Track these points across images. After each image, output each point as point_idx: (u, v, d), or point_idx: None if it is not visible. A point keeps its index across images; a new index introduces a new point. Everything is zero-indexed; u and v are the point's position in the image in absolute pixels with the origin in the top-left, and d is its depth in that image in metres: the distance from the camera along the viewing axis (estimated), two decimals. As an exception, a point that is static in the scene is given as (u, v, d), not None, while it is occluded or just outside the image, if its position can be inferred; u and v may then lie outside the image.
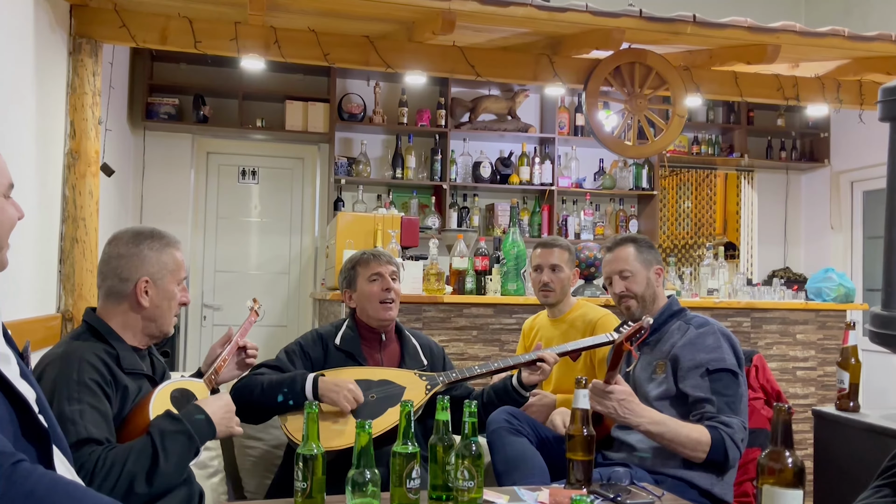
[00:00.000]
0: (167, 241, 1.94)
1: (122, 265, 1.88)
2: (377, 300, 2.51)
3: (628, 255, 2.50)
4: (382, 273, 2.54)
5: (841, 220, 6.40)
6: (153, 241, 1.92)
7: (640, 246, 2.52)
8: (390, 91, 5.91)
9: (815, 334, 4.37)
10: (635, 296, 2.48)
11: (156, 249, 1.91)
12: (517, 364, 2.47)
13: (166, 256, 1.92)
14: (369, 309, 2.53)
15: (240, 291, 5.64)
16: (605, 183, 6.16)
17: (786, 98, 4.41)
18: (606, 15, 3.57)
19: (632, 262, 2.49)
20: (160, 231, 1.97)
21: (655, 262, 2.51)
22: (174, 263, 1.93)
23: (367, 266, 2.56)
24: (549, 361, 2.42)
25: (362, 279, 2.55)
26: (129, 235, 1.93)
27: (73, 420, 1.65)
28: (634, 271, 2.48)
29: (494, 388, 2.52)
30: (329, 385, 2.27)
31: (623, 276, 2.49)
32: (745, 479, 2.51)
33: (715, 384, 2.23)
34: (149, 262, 1.89)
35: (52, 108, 3.21)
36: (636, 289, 2.47)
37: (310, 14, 3.56)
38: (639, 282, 2.47)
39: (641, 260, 2.49)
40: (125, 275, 1.88)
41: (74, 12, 3.38)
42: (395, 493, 1.65)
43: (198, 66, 5.58)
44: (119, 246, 1.91)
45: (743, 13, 3.86)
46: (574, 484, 1.86)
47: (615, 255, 2.53)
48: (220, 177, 5.82)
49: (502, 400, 2.48)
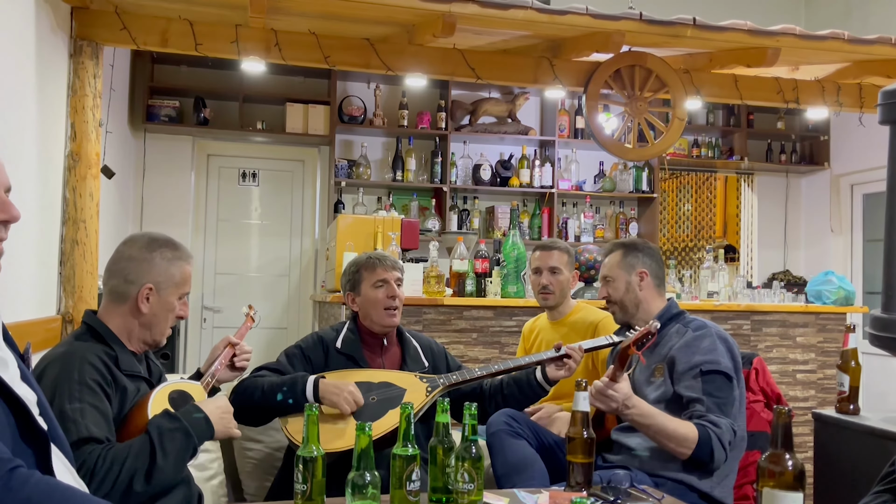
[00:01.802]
0: (180, 255, 1.95)
1: (131, 268, 1.89)
2: (381, 306, 2.50)
3: (612, 260, 2.53)
4: (388, 279, 2.52)
5: (841, 223, 6.40)
6: (167, 251, 1.93)
7: (628, 250, 2.52)
8: (391, 93, 5.92)
9: (816, 337, 4.37)
10: (613, 301, 2.49)
11: (168, 259, 1.92)
12: (518, 366, 2.46)
13: (175, 268, 1.93)
14: (373, 314, 2.51)
15: (240, 294, 5.64)
16: (605, 186, 6.16)
17: (786, 101, 4.41)
18: (606, 18, 3.57)
19: (613, 267, 2.51)
20: (175, 242, 1.97)
21: (640, 265, 2.49)
22: (181, 277, 1.94)
23: (372, 271, 2.54)
24: (576, 358, 2.42)
25: (367, 284, 2.53)
26: (145, 240, 1.94)
27: (74, 419, 1.66)
28: (614, 277, 2.50)
29: (516, 380, 2.50)
30: (329, 387, 2.27)
31: (605, 280, 2.52)
32: (746, 482, 2.51)
33: (707, 385, 2.23)
34: (157, 270, 1.90)
35: (52, 111, 3.21)
36: (614, 294, 2.49)
37: (310, 17, 3.56)
38: (616, 287, 2.49)
39: (624, 265, 2.50)
40: (131, 277, 1.89)
41: (75, 14, 3.38)
42: (396, 496, 1.65)
43: (198, 69, 5.59)
44: (133, 248, 1.92)
45: (743, 16, 3.86)
46: (574, 486, 1.86)
47: (604, 261, 2.56)
48: (220, 179, 5.83)
49: (523, 392, 2.48)
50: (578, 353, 2.43)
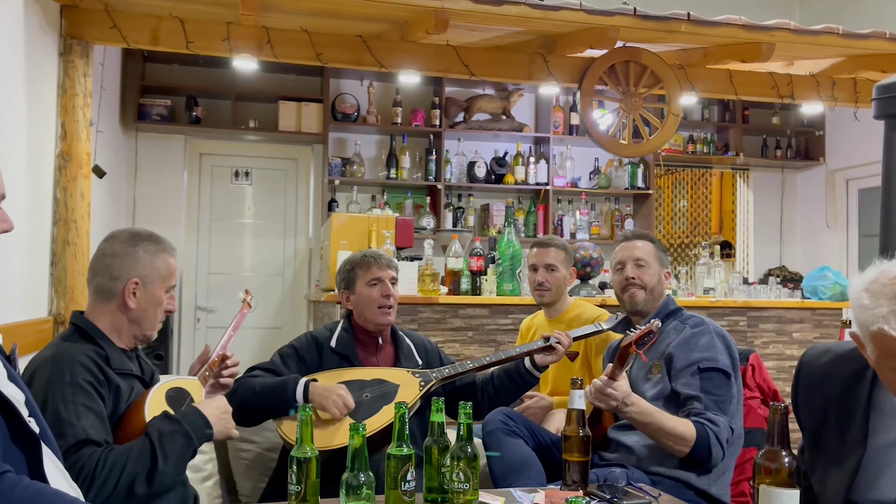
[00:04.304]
0: (163, 247, 1.93)
1: (114, 264, 1.87)
2: (376, 305, 2.49)
3: (648, 247, 2.51)
4: (382, 278, 2.52)
5: (836, 218, 6.40)
6: (149, 244, 1.91)
7: (659, 247, 2.55)
8: (384, 91, 5.89)
9: (812, 333, 4.37)
10: (645, 286, 2.46)
11: (151, 253, 1.90)
12: (509, 357, 2.48)
13: (160, 261, 1.91)
14: (367, 313, 2.51)
15: (234, 293, 5.54)
16: (601, 182, 6.15)
17: (781, 96, 4.40)
18: (601, 13, 3.56)
19: (650, 254, 2.50)
20: (158, 235, 1.96)
21: (667, 265, 2.54)
22: (166, 269, 1.92)
23: (367, 269, 2.53)
24: (565, 343, 2.44)
25: (361, 283, 2.52)
26: (126, 235, 1.92)
27: (70, 422, 1.65)
28: (650, 263, 2.48)
29: (506, 370, 2.51)
30: (319, 390, 2.27)
31: (638, 263, 2.48)
32: (743, 479, 2.50)
33: (705, 383, 2.22)
34: (141, 265, 1.88)
35: (42, 110, 3.18)
36: (648, 279, 2.46)
37: (302, 14, 3.54)
38: (652, 274, 2.47)
39: (658, 257, 2.51)
40: (116, 273, 1.87)
41: (65, 13, 3.36)
42: (391, 496, 1.64)
43: (190, 67, 5.56)
44: (115, 244, 1.90)
45: (737, 11, 3.85)
46: (570, 485, 1.85)
47: (634, 244, 2.52)
48: (213, 178, 5.79)
49: (514, 382, 2.49)
50: (567, 339, 2.46)
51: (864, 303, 1.46)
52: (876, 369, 1.51)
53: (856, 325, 1.50)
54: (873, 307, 1.44)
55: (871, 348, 1.47)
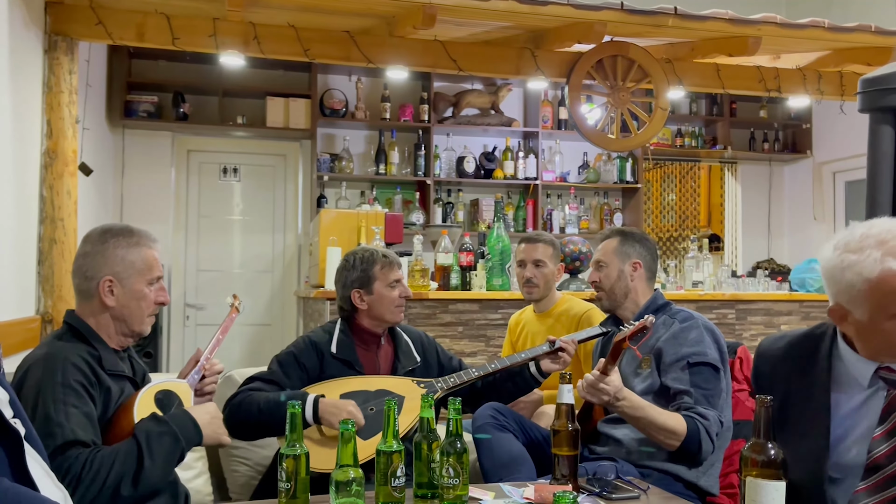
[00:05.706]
0: (137, 240, 1.88)
1: (87, 263, 1.84)
2: (394, 305, 2.47)
3: (608, 246, 2.50)
4: (400, 279, 2.50)
5: (824, 210, 6.44)
6: (120, 239, 1.86)
7: (626, 238, 2.51)
8: (372, 86, 5.88)
9: (799, 325, 4.39)
10: (602, 288, 2.48)
11: (122, 247, 1.85)
12: (514, 363, 2.44)
13: (134, 255, 1.86)
14: (385, 313, 2.47)
15: (223, 291, 5.59)
16: (590, 177, 6.16)
17: (767, 90, 4.42)
18: (588, 8, 3.56)
19: (608, 253, 2.49)
20: (131, 228, 1.90)
21: (635, 255, 2.48)
22: (143, 262, 1.87)
23: (389, 270, 2.49)
24: (570, 350, 2.42)
25: (382, 284, 2.46)
26: (97, 233, 1.88)
27: (59, 422, 1.63)
28: (607, 262, 2.48)
29: (509, 373, 2.49)
30: (329, 408, 2.20)
31: (598, 265, 2.50)
32: (731, 471, 2.51)
33: (695, 377, 2.23)
34: (113, 261, 1.84)
35: (27, 108, 3.15)
36: (604, 281, 2.47)
37: (289, 9, 3.52)
38: (608, 274, 2.47)
39: (619, 252, 2.48)
40: (90, 273, 1.84)
41: (49, 9, 3.33)
42: (381, 492, 1.64)
43: (176, 63, 5.52)
44: (87, 244, 1.87)
45: (724, 6, 3.86)
46: (560, 479, 1.85)
47: (600, 245, 2.54)
48: (200, 175, 5.77)
49: (517, 385, 2.48)
50: (572, 346, 2.43)
51: (849, 260, 1.46)
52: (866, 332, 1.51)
53: (839, 293, 1.51)
54: (864, 258, 1.44)
55: (866, 306, 1.46)
